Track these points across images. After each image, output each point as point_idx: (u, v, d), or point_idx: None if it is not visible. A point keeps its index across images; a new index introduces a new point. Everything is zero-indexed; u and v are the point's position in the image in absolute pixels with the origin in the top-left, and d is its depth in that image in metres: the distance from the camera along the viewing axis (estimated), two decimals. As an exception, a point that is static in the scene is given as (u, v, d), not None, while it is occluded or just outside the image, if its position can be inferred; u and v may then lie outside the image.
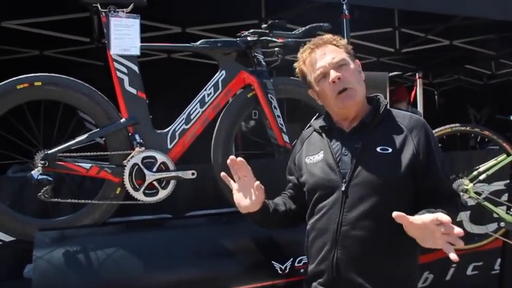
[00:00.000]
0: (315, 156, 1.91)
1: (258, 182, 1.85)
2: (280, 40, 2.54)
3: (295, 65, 1.97)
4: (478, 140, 3.76)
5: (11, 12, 4.56)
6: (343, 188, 1.78)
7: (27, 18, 4.70)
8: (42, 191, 2.22)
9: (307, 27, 2.59)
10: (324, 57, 1.83)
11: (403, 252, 1.78)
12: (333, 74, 1.80)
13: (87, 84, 2.35)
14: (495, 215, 3.36)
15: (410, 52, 6.42)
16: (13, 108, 2.27)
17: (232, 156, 1.87)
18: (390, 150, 1.77)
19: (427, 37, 5.99)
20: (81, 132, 2.35)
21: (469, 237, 3.44)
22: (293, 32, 2.61)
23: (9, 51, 5.53)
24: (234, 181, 1.88)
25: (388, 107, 1.91)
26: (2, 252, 2.60)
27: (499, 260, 3.61)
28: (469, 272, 3.57)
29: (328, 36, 1.90)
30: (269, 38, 2.52)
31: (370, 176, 1.76)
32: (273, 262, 2.35)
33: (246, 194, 1.86)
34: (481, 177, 3.22)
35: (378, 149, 1.78)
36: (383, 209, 1.73)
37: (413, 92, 6.34)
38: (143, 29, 2.40)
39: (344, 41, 1.90)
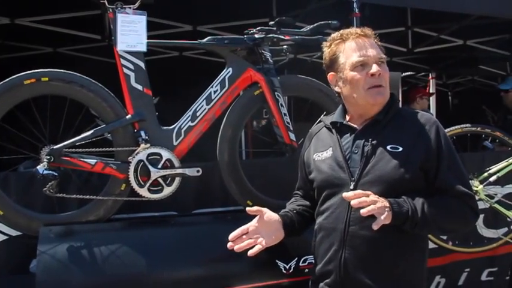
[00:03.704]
0: (323, 153, 1.89)
1: (255, 220, 1.89)
2: (287, 37, 2.52)
3: (325, 44, 1.92)
4: (489, 140, 3.71)
5: (25, 9, 4.60)
6: (351, 187, 1.76)
7: (40, 15, 4.74)
8: (47, 186, 2.24)
9: (315, 24, 2.57)
10: (371, 48, 1.81)
11: (411, 253, 1.77)
12: (375, 68, 1.79)
13: (93, 81, 2.35)
14: (508, 219, 3.30)
15: (423, 52, 6.33)
16: (20, 103, 2.29)
17: (230, 237, 1.89)
18: (401, 149, 1.75)
19: (440, 37, 5.90)
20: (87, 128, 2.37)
21: (480, 240, 3.39)
22: (301, 30, 2.59)
23: (23, 48, 5.58)
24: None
25: (400, 105, 1.89)
26: (10, 247, 2.62)
27: (512, 265, 3.55)
28: (483, 277, 3.51)
29: (372, 31, 1.88)
30: (276, 36, 2.50)
31: (380, 175, 1.74)
32: (277, 261, 2.33)
33: (265, 233, 1.90)
34: (492, 179, 3.16)
35: (388, 148, 1.76)
36: None
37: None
38: (154, 26, 2.40)
39: (380, 42, 1.89)
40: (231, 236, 1.89)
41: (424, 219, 1.69)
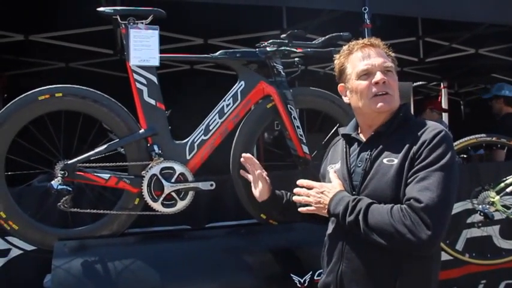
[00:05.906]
0: (335, 164, 1.90)
1: (259, 171, 2.12)
2: (299, 50, 2.52)
3: (336, 56, 1.92)
4: (505, 150, 3.68)
5: (38, 26, 4.67)
6: None
7: (53, 31, 4.81)
8: (61, 201, 2.25)
9: (327, 36, 2.57)
10: (375, 57, 1.79)
11: (411, 269, 1.69)
12: (379, 75, 1.75)
13: (106, 95, 2.37)
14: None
15: (435, 61, 6.30)
16: (35, 118, 2.31)
17: (244, 154, 2.19)
18: (395, 161, 1.69)
19: (452, 46, 5.87)
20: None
21: (497, 252, 3.33)
22: (312, 42, 2.59)
23: (37, 63, 5.67)
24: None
25: (410, 116, 1.84)
26: (25, 261, 2.63)
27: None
28: (500, 289, 3.46)
29: (381, 41, 1.86)
30: (288, 48, 2.50)
31: (375, 189, 1.71)
32: (291, 275, 2.31)
33: (257, 186, 2.14)
34: (508, 189, 3.12)
35: (385, 161, 1.72)
36: None
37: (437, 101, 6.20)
38: (165, 40, 2.41)
39: (392, 53, 1.85)
40: (244, 155, 2.23)
41: (355, 222, 1.66)
